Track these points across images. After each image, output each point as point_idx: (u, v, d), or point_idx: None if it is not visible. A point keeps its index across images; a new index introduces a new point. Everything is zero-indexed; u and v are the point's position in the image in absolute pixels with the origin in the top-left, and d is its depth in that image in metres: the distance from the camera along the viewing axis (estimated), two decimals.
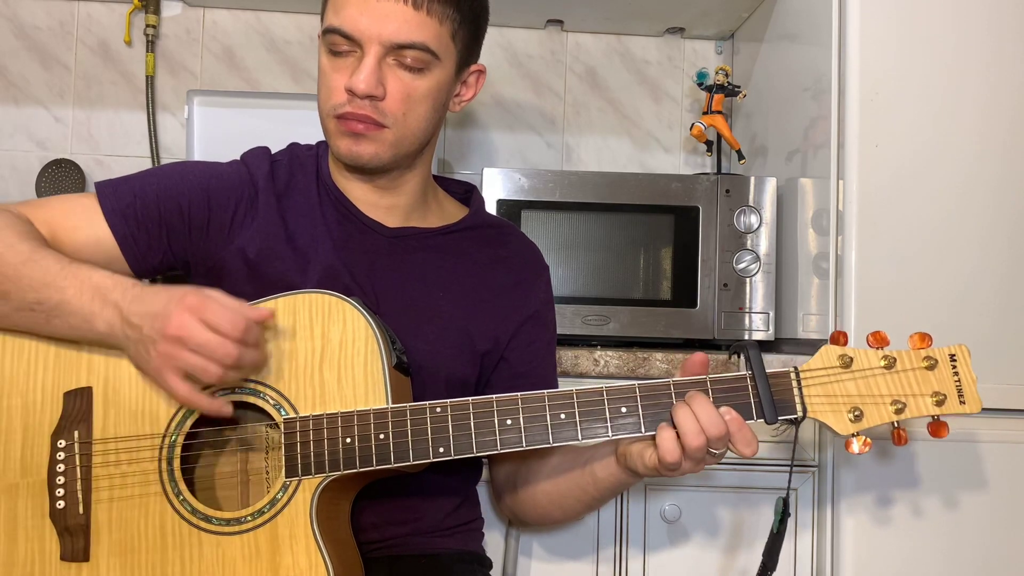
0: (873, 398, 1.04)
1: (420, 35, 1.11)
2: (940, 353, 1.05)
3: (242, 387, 1.05)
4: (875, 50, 1.52)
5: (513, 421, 1.04)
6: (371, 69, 1.10)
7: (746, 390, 1.04)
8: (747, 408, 1.04)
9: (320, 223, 1.20)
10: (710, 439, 1.01)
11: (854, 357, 1.04)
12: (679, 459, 1.02)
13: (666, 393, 1.04)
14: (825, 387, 1.04)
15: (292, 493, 1.03)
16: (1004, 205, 1.51)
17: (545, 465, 1.23)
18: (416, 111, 1.15)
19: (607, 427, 1.04)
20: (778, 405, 1.04)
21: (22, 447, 1.05)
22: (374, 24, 1.10)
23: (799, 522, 1.51)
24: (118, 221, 1.14)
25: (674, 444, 1.01)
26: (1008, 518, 1.49)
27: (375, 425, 1.03)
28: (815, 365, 1.05)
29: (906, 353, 1.05)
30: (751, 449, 1.03)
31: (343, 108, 1.13)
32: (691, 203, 1.68)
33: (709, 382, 1.04)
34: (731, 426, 1.02)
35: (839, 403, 1.04)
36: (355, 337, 1.05)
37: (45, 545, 1.04)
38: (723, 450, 1.03)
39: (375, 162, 1.16)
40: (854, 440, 1.04)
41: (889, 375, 1.04)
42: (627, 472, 1.11)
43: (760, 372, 1.04)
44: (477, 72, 1.24)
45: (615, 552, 1.50)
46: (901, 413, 1.04)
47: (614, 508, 1.50)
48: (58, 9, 2.05)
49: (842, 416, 1.04)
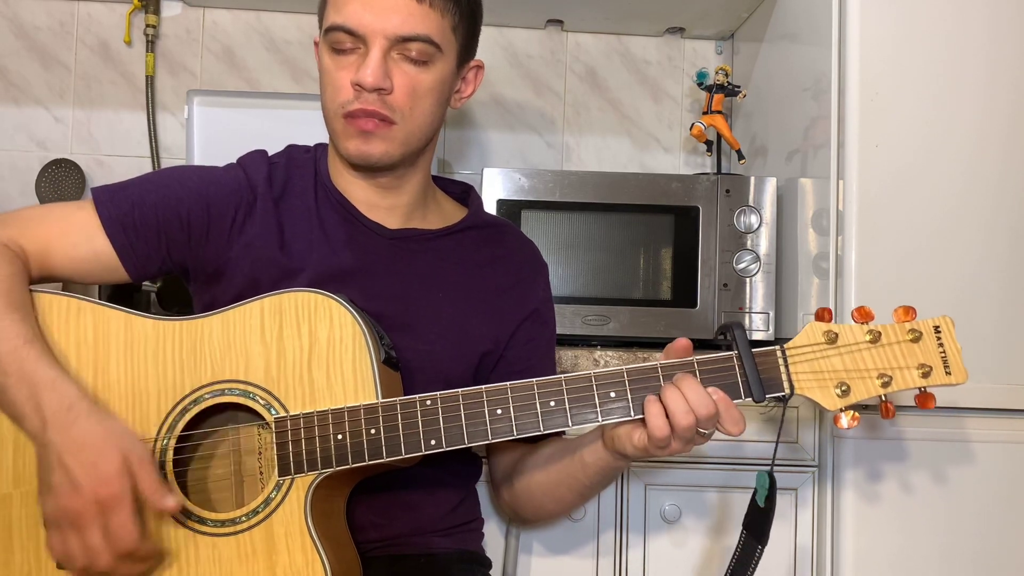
0: (859, 372, 1.04)
1: (424, 27, 1.12)
2: (924, 325, 1.05)
3: (231, 388, 1.06)
4: (875, 50, 1.52)
5: (503, 410, 1.04)
6: (378, 62, 1.11)
7: (733, 370, 1.05)
8: (735, 387, 1.04)
9: (317, 226, 1.20)
10: (699, 419, 1.01)
11: (839, 333, 1.04)
12: (668, 435, 1.02)
13: (654, 376, 1.04)
14: (811, 363, 1.04)
15: (286, 492, 1.03)
16: (1004, 204, 1.51)
17: (538, 457, 1.23)
18: (422, 105, 1.15)
19: (597, 412, 1.04)
20: (765, 383, 1.04)
21: (13, 456, 1.05)
22: (378, 18, 1.11)
23: (799, 520, 1.52)
24: (116, 230, 1.14)
25: (663, 420, 1.02)
26: (1008, 517, 1.49)
27: (366, 420, 1.04)
28: (801, 342, 1.05)
29: (891, 327, 1.05)
30: (739, 428, 1.03)
31: (351, 105, 1.13)
32: (691, 203, 1.68)
33: (696, 363, 1.05)
34: (720, 405, 1.02)
35: (826, 379, 1.04)
36: (343, 334, 1.06)
37: (41, 554, 1.03)
38: (711, 430, 1.04)
39: (385, 160, 1.16)
40: (842, 415, 1.05)
41: (875, 349, 1.04)
42: (615, 455, 1.11)
43: (746, 351, 1.04)
44: (476, 68, 1.25)
45: (615, 549, 1.51)
46: (888, 386, 1.04)
47: (614, 507, 1.51)
48: (58, 9, 2.05)
49: (829, 392, 1.04)
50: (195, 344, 1.07)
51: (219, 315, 1.08)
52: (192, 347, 1.07)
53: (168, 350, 1.07)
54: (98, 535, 0.95)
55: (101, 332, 1.07)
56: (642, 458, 1.09)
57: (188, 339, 1.07)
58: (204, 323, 1.08)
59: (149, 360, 1.07)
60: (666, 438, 1.02)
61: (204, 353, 1.07)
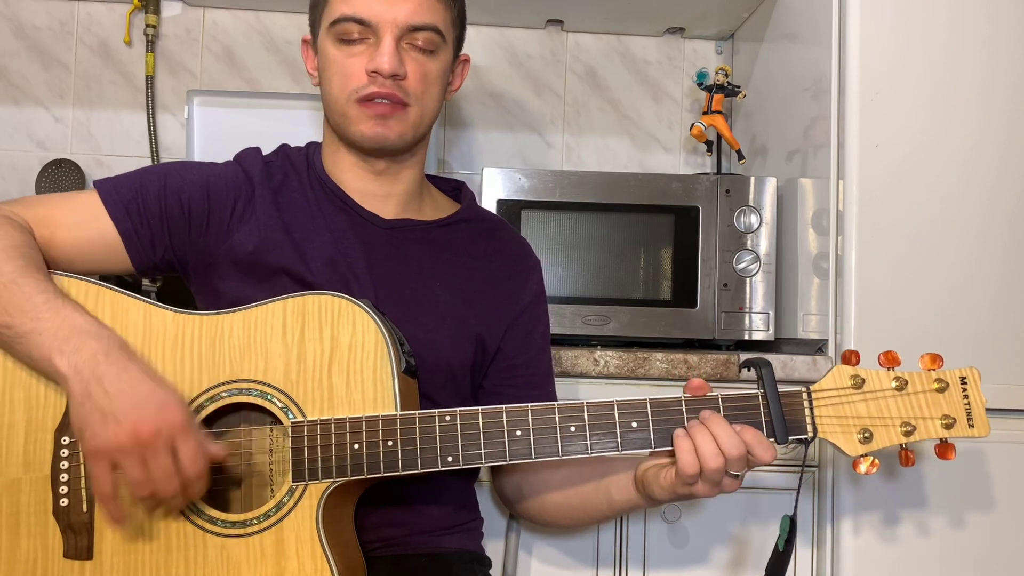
0: (883, 420, 1.04)
1: (432, 17, 1.16)
2: (951, 376, 1.04)
3: (250, 388, 1.05)
4: (875, 50, 1.52)
5: (523, 432, 1.03)
6: (393, 49, 1.14)
7: (757, 409, 1.04)
8: (758, 427, 1.03)
9: (318, 215, 1.21)
10: (728, 460, 1.00)
11: (866, 379, 1.04)
12: (698, 471, 1.01)
13: (677, 409, 1.04)
14: (836, 408, 1.04)
15: (299, 498, 1.03)
16: (1003, 204, 1.51)
17: (554, 476, 1.23)
18: (431, 91, 1.19)
19: (617, 442, 1.03)
20: (789, 425, 1.03)
21: (24, 442, 1.04)
22: (389, 8, 1.14)
23: (799, 532, 1.51)
24: (121, 215, 1.14)
25: (692, 456, 1.01)
26: (1008, 518, 1.49)
27: (383, 432, 1.03)
28: (827, 385, 1.05)
29: (917, 375, 1.04)
30: (770, 455, 1.02)
31: (366, 90, 1.15)
32: (691, 203, 1.68)
33: (721, 399, 1.04)
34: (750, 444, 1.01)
35: (849, 424, 1.04)
36: (364, 341, 1.05)
37: (48, 542, 1.03)
38: (743, 471, 1.03)
39: (400, 142, 1.18)
40: (862, 461, 1.04)
41: (900, 397, 1.04)
42: (645, 498, 1.12)
43: (772, 392, 1.04)
44: (463, 62, 1.29)
45: (615, 549, 1.50)
46: (910, 436, 1.03)
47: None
48: (58, 9, 2.05)
49: (852, 437, 1.04)
50: (215, 340, 1.06)
51: (240, 312, 1.07)
52: (212, 343, 1.06)
53: (187, 344, 1.06)
54: (167, 459, 0.96)
55: (119, 319, 1.06)
56: (670, 500, 1.08)
57: (208, 335, 1.06)
58: (225, 319, 1.07)
59: (167, 352, 1.06)
60: (696, 475, 1.01)
61: (223, 350, 1.06)
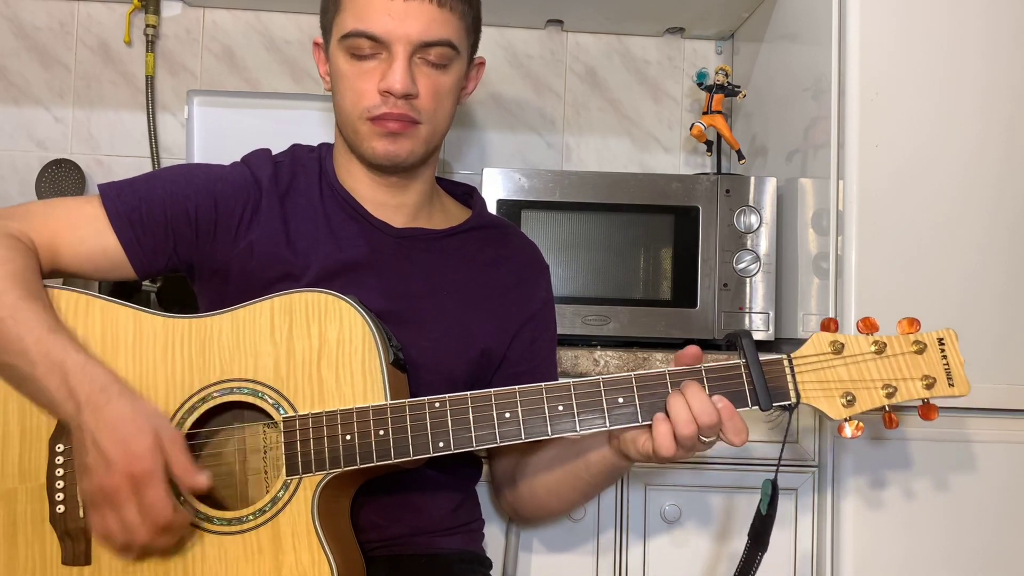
0: (865, 383, 1.05)
1: (444, 32, 1.14)
2: (928, 337, 1.06)
3: (241, 387, 1.06)
4: (875, 50, 1.52)
5: (511, 414, 1.05)
6: (405, 68, 1.12)
7: (740, 378, 1.05)
8: (742, 396, 1.05)
9: (323, 224, 1.20)
10: (701, 427, 1.02)
11: (845, 343, 1.06)
12: (674, 452, 1.03)
13: (662, 383, 1.05)
14: (818, 373, 1.06)
15: (293, 491, 1.04)
16: (1004, 204, 1.51)
17: (542, 458, 1.24)
18: (444, 106, 1.18)
19: (605, 418, 1.05)
20: (772, 392, 1.05)
21: (20, 451, 1.05)
22: (401, 24, 1.12)
23: (799, 522, 1.52)
24: (123, 225, 1.14)
25: (670, 439, 1.03)
26: (1008, 517, 1.49)
27: (374, 422, 1.04)
28: (807, 352, 1.06)
29: (895, 338, 1.06)
30: (740, 439, 1.04)
31: (378, 109, 1.14)
32: (691, 203, 1.68)
33: (704, 371, 1.05)
34: (722, 414, 1.03)
35: (832, 389, 1.05)
36: (352, 335, 1.06)
37: (46, 549, 1.04)
38: (713, 438, 1.04)
39: (411, 159, 1.18)
40: (847, 424, 1.06)
41: (880, 360, 1.05)
42: (618, 456, 1.12)
43: (754, 360, 1.05)
44: (479, 65, 1.27)
45: (615, 549, 1.51)
46: (892, 397, 1.05)
47: (614, 507, 1.51)
48: (58, 9, 2.05)
49: (835, 401, 1.05)
50: (204, 342, 1.07)
51: (228, 314, 1.08)
52: (201, 345, 1.07)
53: (177, 348, 1.07)
54: (134, 511, 0.96)
55: (110, 328, 1.07)
56: (644, 462, 1.09)
57: (197, 337, 1.07)
58: (213, 321, 1.07)
59: (158, 357, 1.07)
60: (671, 455, 1.03)
61: (213, 351, 1.07)
